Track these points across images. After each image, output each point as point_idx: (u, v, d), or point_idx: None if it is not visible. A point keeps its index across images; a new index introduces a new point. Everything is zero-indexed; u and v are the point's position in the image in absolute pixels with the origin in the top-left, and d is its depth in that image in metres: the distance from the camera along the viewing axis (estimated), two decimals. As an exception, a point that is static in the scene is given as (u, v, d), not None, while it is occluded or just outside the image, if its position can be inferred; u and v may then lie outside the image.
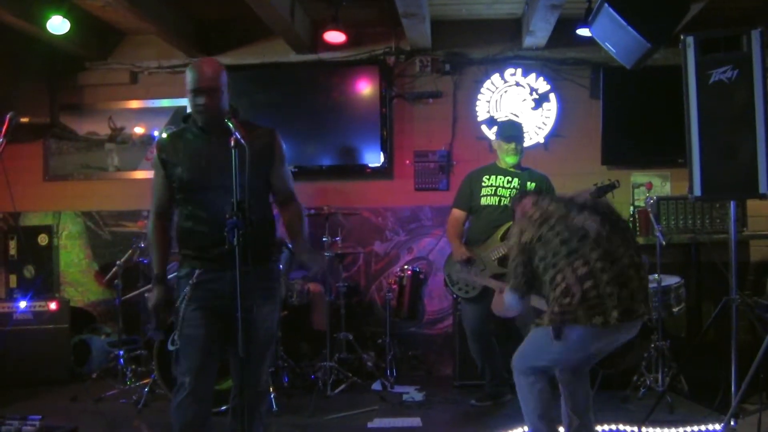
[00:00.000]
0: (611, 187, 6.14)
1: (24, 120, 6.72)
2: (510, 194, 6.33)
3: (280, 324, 6.71)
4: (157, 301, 4.15)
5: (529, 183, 6.39)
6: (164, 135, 4.30)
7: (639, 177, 8.12)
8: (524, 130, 6.69)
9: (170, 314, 4.15)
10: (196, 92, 3.98)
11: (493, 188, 6.45)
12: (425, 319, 8.23)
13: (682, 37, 5.32)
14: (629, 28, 5.25)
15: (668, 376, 6.36)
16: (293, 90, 8.43)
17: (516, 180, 6.42)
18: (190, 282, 4.02)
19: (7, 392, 7.15)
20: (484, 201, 6.45)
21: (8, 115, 4.61)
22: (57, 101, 8.70)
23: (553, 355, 4.49)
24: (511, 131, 6.57)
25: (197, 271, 4.03)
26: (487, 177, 6.52)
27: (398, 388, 7.13)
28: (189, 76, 4.00)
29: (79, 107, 8.94)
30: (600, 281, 4.29)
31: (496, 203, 6.39)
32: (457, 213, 6.65)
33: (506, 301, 4.72)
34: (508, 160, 6.48)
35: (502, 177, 6.47)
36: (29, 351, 7.51)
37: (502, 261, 6.22)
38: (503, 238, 6.23)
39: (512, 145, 6.45)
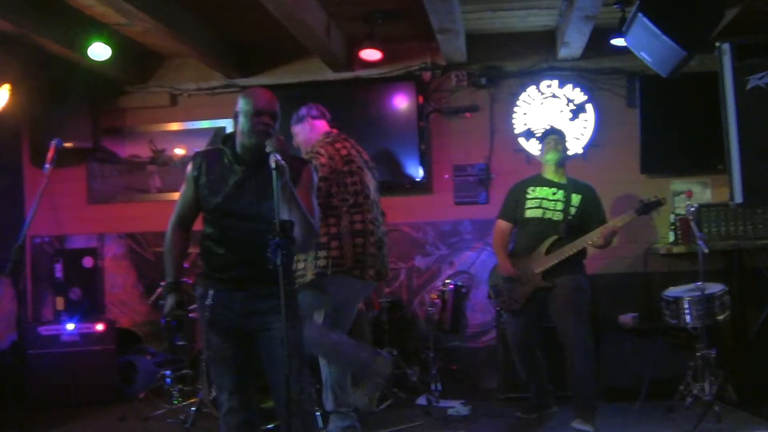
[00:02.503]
0: (657, 204, 6.15)
1: (68, 145, 6.84)
2: (554, 207, 6.31)
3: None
4: (170, 309, 4.29)
5: (574, 194, 6.34)
6: (201, 152, 4.37)
7: (679, 185, 8.09)
8: (565, 136, 6.66)
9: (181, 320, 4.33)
10: (263, 113, 4.04)
11: (538, 200, 6.38)
12: (468, 332, 8.20)
13: (717, 44, 5.31)
14: (664, 36, 5.23)
15: (715, 384, 6.30)
16: (331, 108, 8.42)
17: (561, 192, 6.35)
18: (207, 303, 4.13)
19: (55, 413, 7.26)
20: (528, 213, 6.39)
21: (53, 142, 4.72)
22: (99, 125, 8.80)
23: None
24: (549, 129, 6.73)
25: (211, 293, 4.13)
26: (532, 189, 6.45)
27: (443, 403, 7.11)
28: (251, 98, 4.09)
29: (121, 130, 9.06)
30: (368, 241, 5.26)
31: (541, 215, 6.33)
32: (503, 224, 6.61)
33: None
34: (549, 157, 6.43)
35: (547, 189, 6.40)
36: (77, 372, 7.62)
37: (547, 275, 6.22)
38: (548, 251, 6.22)
39: (551, 142, 6.43)
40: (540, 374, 6.56)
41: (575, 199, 6.33)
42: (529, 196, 6.43)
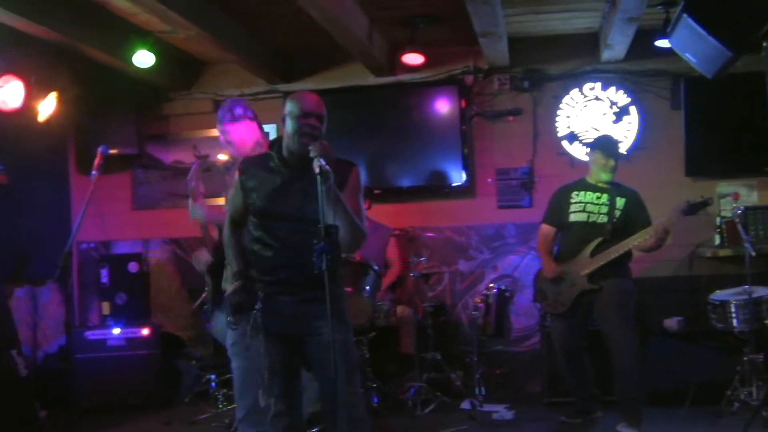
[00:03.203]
0: (704, 204, 6.07)
1: (114, 152, 6.92)
2: (599, 210, 6.27)
3: (369, 345, 6.78)
4: (234, 290, 4.23)
5: (618, 198, 6.29)
6: (247, 159, 4.42)
7: (724, 187, 7.98)
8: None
9: (247, 305, 4.24)
10: (310, 115, 4.09)
11: (582, 204, 6.35)
12: (512, 336, 8.16)
13: (764, 44, 5.24)
14: (710, 37, 5.16)
15: (763, 389, 6.22)
16: (373, 112, 8.51)
17: (605, 196, 6.31)
18: (255, 308, 4.16)
19: (102, 417, 7.34)
20: (572, 218, 6.37)
21: (99, 149, 4.80)
22: (143, 132, 8.89)
23: None
24: (611, 147, 6.47)
25: (260, 295, 4.17)
26: (576, 193, 6.43)
27: (488, 407, 7.07)
28: (298, 101, 4.14)
29: (165, 137, 9.15)
30: None
31: (585, 219, 6.30)
32: (547, 229, 6.59)
33: None
34: (603, 176, 6.36)
35: (591, 193, 6.38)
36: (123, 376, 7.72)
37: (592, 277, 6.18)
38: (593, 254, 6.19)
39: (611, 162, 6.33)
40: (586, 378, 6.52)
41: (620, 202, 6.28)
42: (572, 201, 6.40)
